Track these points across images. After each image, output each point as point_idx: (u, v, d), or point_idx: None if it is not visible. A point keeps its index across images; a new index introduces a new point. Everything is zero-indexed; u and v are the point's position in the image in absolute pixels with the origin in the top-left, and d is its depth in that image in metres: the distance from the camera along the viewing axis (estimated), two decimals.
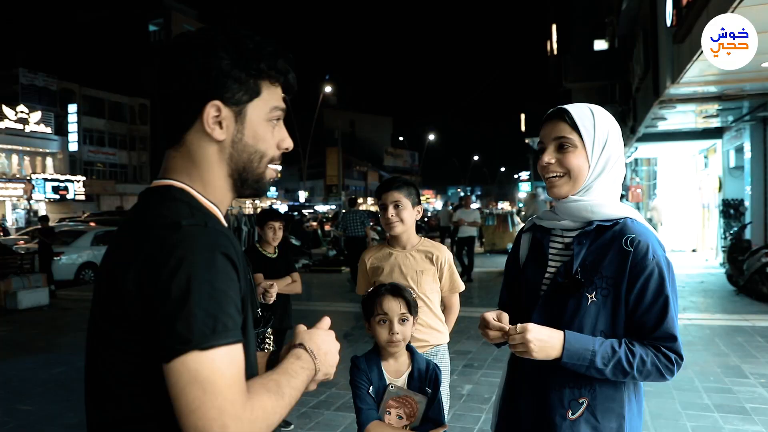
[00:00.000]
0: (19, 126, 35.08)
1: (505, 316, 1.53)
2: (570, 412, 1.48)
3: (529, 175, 51.76)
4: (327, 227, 22.44)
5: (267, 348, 2.62)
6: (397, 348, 1.98)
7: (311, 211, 38.19)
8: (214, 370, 0.87)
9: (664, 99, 8.83)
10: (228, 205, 1.15)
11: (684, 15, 6.73)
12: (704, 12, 5.72)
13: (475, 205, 14.94)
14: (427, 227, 25.93)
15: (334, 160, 50.45)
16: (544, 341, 1.41)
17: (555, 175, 1.55)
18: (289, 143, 1.15)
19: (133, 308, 0.92)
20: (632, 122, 13.20)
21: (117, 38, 46.54)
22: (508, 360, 1.72)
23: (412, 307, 2.00)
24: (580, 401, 1.48)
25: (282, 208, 35.36)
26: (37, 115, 36.06)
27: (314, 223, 22.57)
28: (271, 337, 2.70)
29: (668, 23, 7.91)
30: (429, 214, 34.04)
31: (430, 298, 2.64)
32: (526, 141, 23.87)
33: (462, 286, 2.77)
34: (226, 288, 0.92)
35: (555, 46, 21.19)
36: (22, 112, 35.26)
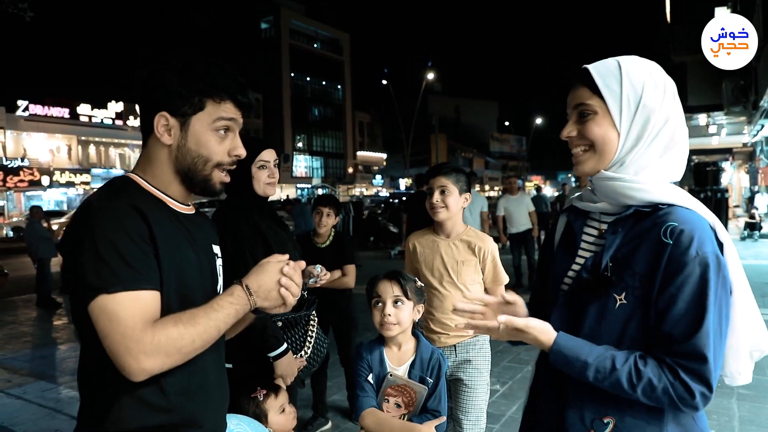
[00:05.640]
0: None
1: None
2: None
3: None
4: None
5: (311, 331, 2.58)
6: (389, 331, 1.94)
7: None
8: (116, 305, 1.11)
9: None
10: (183, 195, 1.34)
11: None
12: None
13: (552, 190, 13.28)
14: None
15: (439, 147, 50.39)
16: (531, 340, 1.25)
17: (579, 149, 1.30)
18: (240, 151, 1.33)
19: (66, 263, 1.18)
20: (754, 96, 11.88)
21: (233, 37, 49.49)
22: (535, 360, 1.48)
23: (408, 292, 1.95)
24: (605, 421, 1.23)
25: (383, 194, 35.70)
26: None
27: None
28: (315, 319, 2.66)
29: None
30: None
31: (470, 290, 2.58)
32: None
33: (506, 279, 2.66)
34: (128, 247, 1.14)
35: (669, 16, 19.51)
36: None
